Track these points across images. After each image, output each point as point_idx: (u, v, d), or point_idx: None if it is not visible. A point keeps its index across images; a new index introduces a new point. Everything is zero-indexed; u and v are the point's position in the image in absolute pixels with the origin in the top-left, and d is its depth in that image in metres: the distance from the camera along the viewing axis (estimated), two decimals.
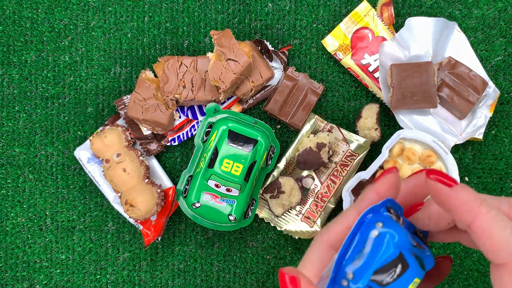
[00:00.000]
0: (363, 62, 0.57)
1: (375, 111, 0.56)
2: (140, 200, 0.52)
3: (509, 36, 0.58)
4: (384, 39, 0.56)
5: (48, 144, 0.59)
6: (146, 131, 0.57)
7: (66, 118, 0.59)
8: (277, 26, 0.59)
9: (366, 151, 0.55)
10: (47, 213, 0.59)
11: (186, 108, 0.58)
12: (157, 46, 0.59)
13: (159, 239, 0.58)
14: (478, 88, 0.53)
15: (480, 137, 0.55)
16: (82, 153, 0.57)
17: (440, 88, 0.54)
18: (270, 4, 0.59)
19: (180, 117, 0.58)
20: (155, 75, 0.58)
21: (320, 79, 0.59)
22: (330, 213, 0.56)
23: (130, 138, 0.56)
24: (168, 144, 0.58)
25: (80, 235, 0.59)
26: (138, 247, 0.59)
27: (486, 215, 0.20)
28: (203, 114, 0.58)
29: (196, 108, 0.58)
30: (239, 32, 0.59)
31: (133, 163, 0.54)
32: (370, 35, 0.57)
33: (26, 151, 0.59)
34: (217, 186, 0.53)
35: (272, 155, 0.55)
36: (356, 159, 0.55)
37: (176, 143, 0.58)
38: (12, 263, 0.59)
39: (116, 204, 0.57)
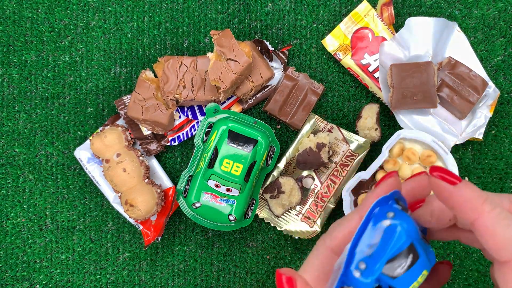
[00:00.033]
0: (363, 62, 0.57)
1: (375, 111, 0.56)
2: (140, 200, 0.52)
3: (509, 36, 0.58)
4: (384, 39, 0.56)
5: (48, 144, 0.59)
6: (146, 131, 0.57)
7: (66, 118, 0.59)
8: (277, 26, 0.59)
9: (366, 151, 0.55)
10: (47, 213, 0.59)
11: (186, 108, 0.58)
12: (157, 46, 0.59)
13: (159, 239, 0.58)
14: (478, 88, 0.53)
15: (480, 137, 0.55)
16: (82, 153, 0.57)
17: (440, 88, 0.54)
18: (270, 4, 0.59)
19: (180, 117, 0.58)
20: (155, 75, 0.58)
21: (320, 79, 0.59)
22: (330, 213, 0.56)
23: (130, 138, 0.56)
24: (168, 144, 0.58)
25: (80, 235, 0.59)
26: (138, 247, 0.59)
27: (489, 213, 0.20)
28: (203, 114, 0.58)
29: (196, 108, 0.58)
30: (239, 32, 0.59)
31: (133, 163, 0.54)
32: (370, 35, 0.57)
33: (26, 151, 0.59)
34: (217, 186, 0.53)
35: (272, 155, 0.55)
36: (356, 159, 0.55)
37: (176, 143, 0.58)
38: (12, 263, 0.59)
39: (116, 204, 0.57)
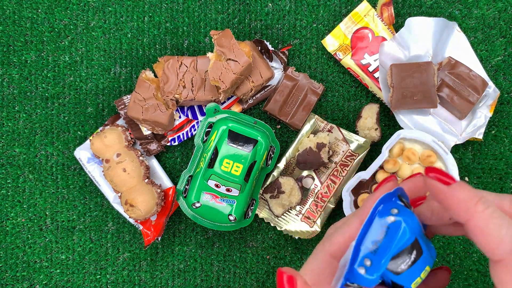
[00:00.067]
0: (363, 62, 0.57)
1: (375, 111, 0.56)
2: (140, 200, 0.52)
3: (509, 36, 0.58)
4: (384, 39, 0.56)
5: (48, 144, 0.59)
6: (146, 131, 0.57)
7: (66, 118, 0.59)
8: (277, 26, 0.59)
9: (366, 151, 0.55)
10: (47, 213, 0.59)
11: (186, 108, 0.58)
12: (157, 46, 0.59)
13: (159, 239, 0.58)
14: (478, 88, 0.53)
15: (480, 137, 0.55)
16: (82, 153, 0.57)
17: (440, 88, 0.54)
18: (270, 4, 0.59)
19: (180, 117, 0.58)
20: (155, 75, 0.58)
21: (320, 79, 0.59)
22: (330, 213, 0.56)
23: (130, 138, 0.56)
24: (168, 144, 0.58)
25: (80, 235, 0.59)
26: (138, 247, 0.59)
27: (482, 213, 0.20)
28: (203, 114, 0.58)
29: (196, 108, 0.58)
30: (239, 32, 0.59)
31: (133, 163, 0.54)
32: (370, 35, 0.57)
33: (26, 151, 0.59)
34: (217, 186, 0.53)
35: (272, 155, 0.55)
36: (356, 159, 0.55)
37: (176, 143, 0.58)
38: (12, 263, 0.59)
39: (116, 204, 0.57)
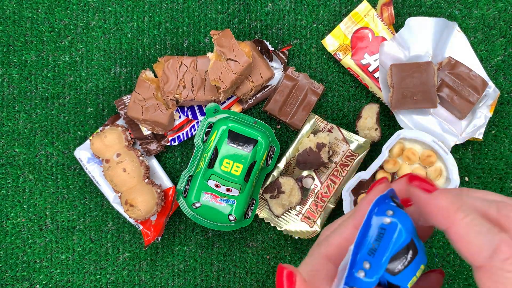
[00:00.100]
0: (363, 62, 0.57)
1: (375, 111, 0.56)
2: (140, 200, 0.52)
3: (509, 36, 0.58)
4: (384, 39, 0.56)
5: (48, 144, 0.59)
6: (146, 131, 0.57)
7: (66, 118, 0.59)
8: (277, 26, 0.59)
9: (366, 151, 0.55)
10: (47, 213, 0.59)
11: (186, 108, 0.58)
12: (157, 46, 0.59)
13: (159, 239, 0.58)
14: (478, 88, 0.53)
15: (480, 137, 0.55)
16: (82, 153, 0.57)
17: (440, 88, 0.54)
18: (270, 4, 0.59)
19: (180, 117, 0.58)
20: (155, 75, 0.58)
21: (320, 79, 0.59)
22: (330, 213, 0.56)
23: (130, 138, 0.56)
24: (168, 144, 0.58)
25: (80, 235, 0.59)
26: (138, 247, 0.59)
27: (462, 220, 0.20)
28: (203, 114, 0.58)
29: (196, 108, 0.58)
30: (239, 32, 0.59)
31: (133, 163, 0.54)
32: (370, 35, 0.57)
33: (26, 151, 0.59)
34: (217, 186, 0.53)
35: (272, 155, 0.55)
36: (356, 159, 0.55)
37: (176, 143, 0.58)
38: (12, 263, 0.59)
39: (116, 204, 0.57)
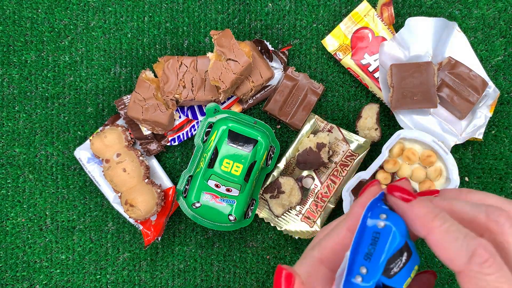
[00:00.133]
0: (363, 62, 0.57)
1: (375, 111, 0.56)
2: (140, 200, 0.52)
3: (509, 36, 0.58)
4: (384, 39, 0.56)
5: (48, 144, 0.59)
6: (146, 131, 0.57)
7: (66, 118, 0.59)
8: (277, 26, 0.59)
9: (366, 151, 0.55)
10: (47, 213, 0.59)
11: (186, 108, 0.58)
12: (157, 46, 0.59)
13: (159, 239, 0.58)
14: (478, 88, 0.53)
15: (480, 137, 0.55)
16: (82, 153, 0.57)
17: (440, 88, 0.54)
18: (270, 4, 0.59)
19: (180, 117, 0.58)
20: (155, 75, 0.58)
21: (320, 79, 0.59)
22: (330, 213, 0.56)
23: (130, 138, 0.56)
24: (168, 144, 0.58)
25: (80, 235, 0.59)
26: (138, 247, 0.59)
27: (439, 228, 0.21)
28: (203, 114, 0.58)
29: (196, 108, 0.58)
30: (239, 32, 0.59)
31: (133, 163, 0.54)
32: (370, 35, 0.57)
33: (26, 151, 0.59)
34: (217, 186, 0.53)
35: (272, 155, 0.55)
36: (356, 159, 0.55)
37: (176, 143, 0.58)
38: (12, 263, 0.59)
39: (116, 204, 0.57)
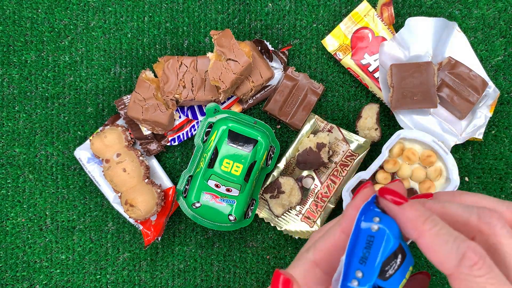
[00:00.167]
0: (363, 62, 0.57)
1: (375, 111, 0.56)
2: (140, 200, 0.52)
3: (509, 36, 0.58)
4: (384, 39, 0.56)
5: (48, 144, 0.59)
6: (146, 131, 0.57)
7: (66, 118, 0.59)
8: (277, 26, 0.59)
9: (366, 151, 0.55)
10: (47, 213, 0.59)
11: (186, 108, 0.58)
12: (157, 46, 0.59)
13: (159, 239, 0.58)
14: (478, 88, 0.53)
15: (480, 137, 0.55)
16: (82, 153, 0.57)
17: (440, 88, 0.54)
18: (270, 4, 0.59)
19: (180, 117, 0.58)
20: (155, 75, 0.58)
21: (320, 79, 0.59)
22: (330, 213, 0.56)
23: (130, 138, 0.56)
24: (168, 144, 0.58)
25: (80, 235, 0.59)
26: (138, 247, 0.59)
27: (429, 231, 0.21)
28: (203, 114, 0.58)
29: (196, 108, 0.58)
30: (239, 32, 0.59)
31: (133, 163, 0.54)
32: (370, 35, 0.57)
33: (26, 151, 0.59)
34: (217, 186, 0.53)
35: (272, 155, 0.55)
36: (356, 159, 0.55)
37: (176, 143, 0.58)
38: (12, 263, 0.59)
39: (116, 204, 0.57)
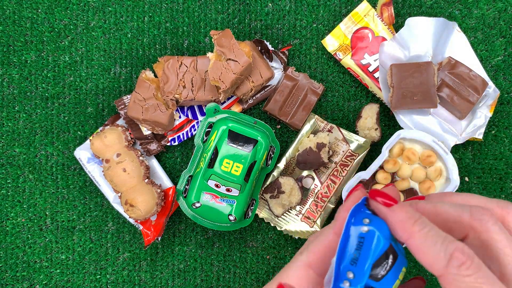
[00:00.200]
0: (363, 62, 0.57)
1: (375, 111, 0.56)
2: (140, 200, 0.52)
3: (509, 36, 0.58)
4: (384, 39, 0.56)
5: (48, 144, 0.59)
6: (146, 131, 0.57)
7: (66, 118, 0.59)
8: (277, 26, 0.59)
9: (366, 151, 0.55)
10: (47, 213, 0.59)
11: (186, 108, 0.58)
12: (157, 46, 0.59)
13: (159, 239, 0.58)
14: (478, 88, 0.53)
15: (480, 137, 0.55)
16: (82, 153, 0.57)
17: (440, 88, 0.54)
18: (270, 4, 0.59)
19: (180, 117, 0.58)
20: (155, 75, 0.58)
21: (320, 79, 0.59)
22: (330, 213, 0.56)
23: (130, 138, 0.56)
24: (168, 144, 0.58)
25: (80, 235, 0.59)
26: (138, 247, 0.59)
27: (419, 233, 0.22)
28: (203, 114, 0.58)
29: (196, 108, 0.58)
30: (239, 32, 0.59)
31: (133, 163, 0.54)
32: (370, 35, 0.57)
33: (26, 151, 0.59)
34: (217, 186, 0.53)
35: (272, 155, 0.55)
36: (356, 159, 0.55)
37: (176, 143, 0.58)
38: (12, 263, 0.59)
39: (116, 204, 0.57)
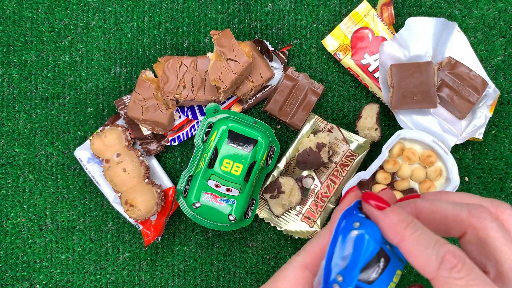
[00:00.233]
0: (363, 62, 0.57)
1: (375, 111, 0.56)
2: (140, 200, 0.52)
3: (509, 36, 0.58)
4: (384, 39, 0.56)
5: (48, 144, 0.59)
6: (146, 131, 0.57)
7: (66, 118, 0.59)
8: (277, 26, 0.59)
9: (366, 151, 0.55)
10: (47, 213, 0.59)
11: (186, 108, 0.58)
12: (157, 46, 0.59)
13: (159, 239, 0.58)
14: (478, 88, 0.53)
15: (480, 137, 0.55)
16: (82, 153, 0.57)
17: (440, 88, 0.54)
18: (270, 4, 0.59)
19: (180, 117, 0.58)
20: (155, 75, 0.58)
21: (320, 79, 0.59)
22: (330, 213, 0.56)
23: (130, 138, 0.56)
24: (168, 144, 0.58)
25: (80, 235, 0.59)
26: (138, 247, 0.59)
27: (411, 236, 0.22)
28: (203, 114, 0.58)
29: (196, 108, 0.58)
30: (239, 32, 0.59)
31: (133, 163, 0.54)
32: (370, 35, 0.57)
33: (26, 151, 0.59)
34: (217, 186, 0.53)
35: (272, 155, 0.55)
36: (356, 159, 0.55)
37: (176, 143, 0.58)
38: (12, 263, 0.59)
39: (116, 204, 0.57)
